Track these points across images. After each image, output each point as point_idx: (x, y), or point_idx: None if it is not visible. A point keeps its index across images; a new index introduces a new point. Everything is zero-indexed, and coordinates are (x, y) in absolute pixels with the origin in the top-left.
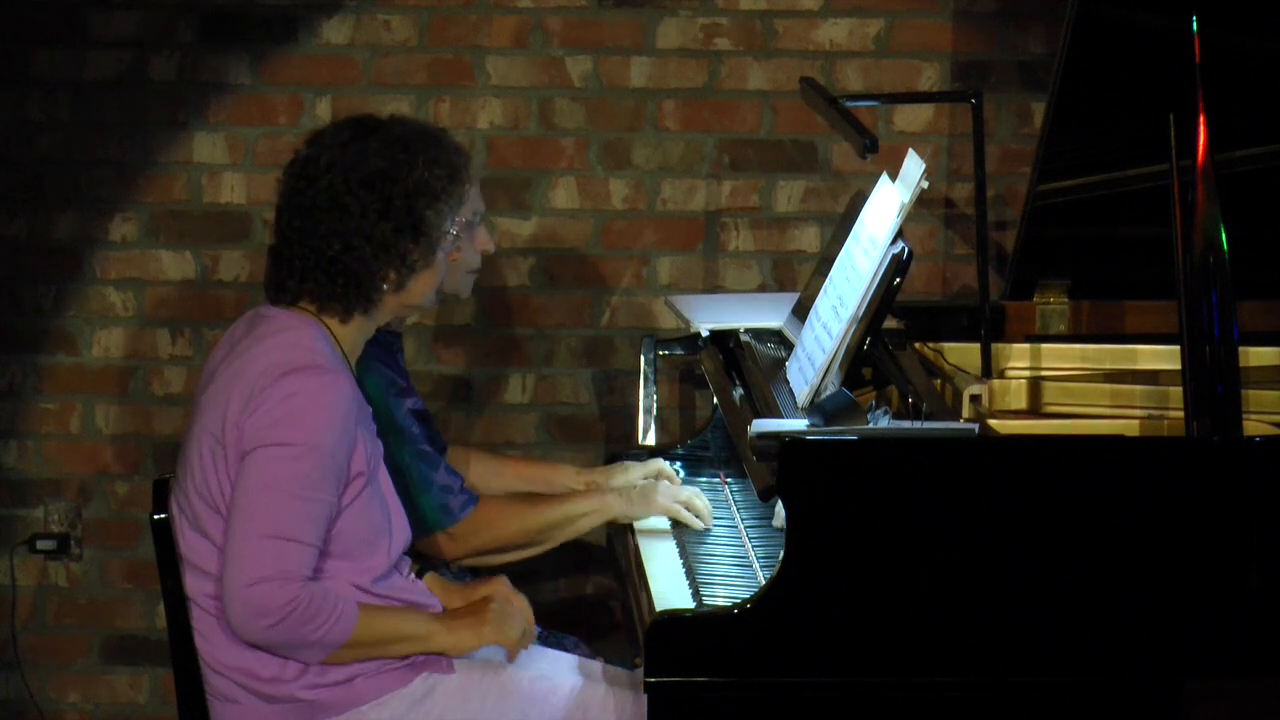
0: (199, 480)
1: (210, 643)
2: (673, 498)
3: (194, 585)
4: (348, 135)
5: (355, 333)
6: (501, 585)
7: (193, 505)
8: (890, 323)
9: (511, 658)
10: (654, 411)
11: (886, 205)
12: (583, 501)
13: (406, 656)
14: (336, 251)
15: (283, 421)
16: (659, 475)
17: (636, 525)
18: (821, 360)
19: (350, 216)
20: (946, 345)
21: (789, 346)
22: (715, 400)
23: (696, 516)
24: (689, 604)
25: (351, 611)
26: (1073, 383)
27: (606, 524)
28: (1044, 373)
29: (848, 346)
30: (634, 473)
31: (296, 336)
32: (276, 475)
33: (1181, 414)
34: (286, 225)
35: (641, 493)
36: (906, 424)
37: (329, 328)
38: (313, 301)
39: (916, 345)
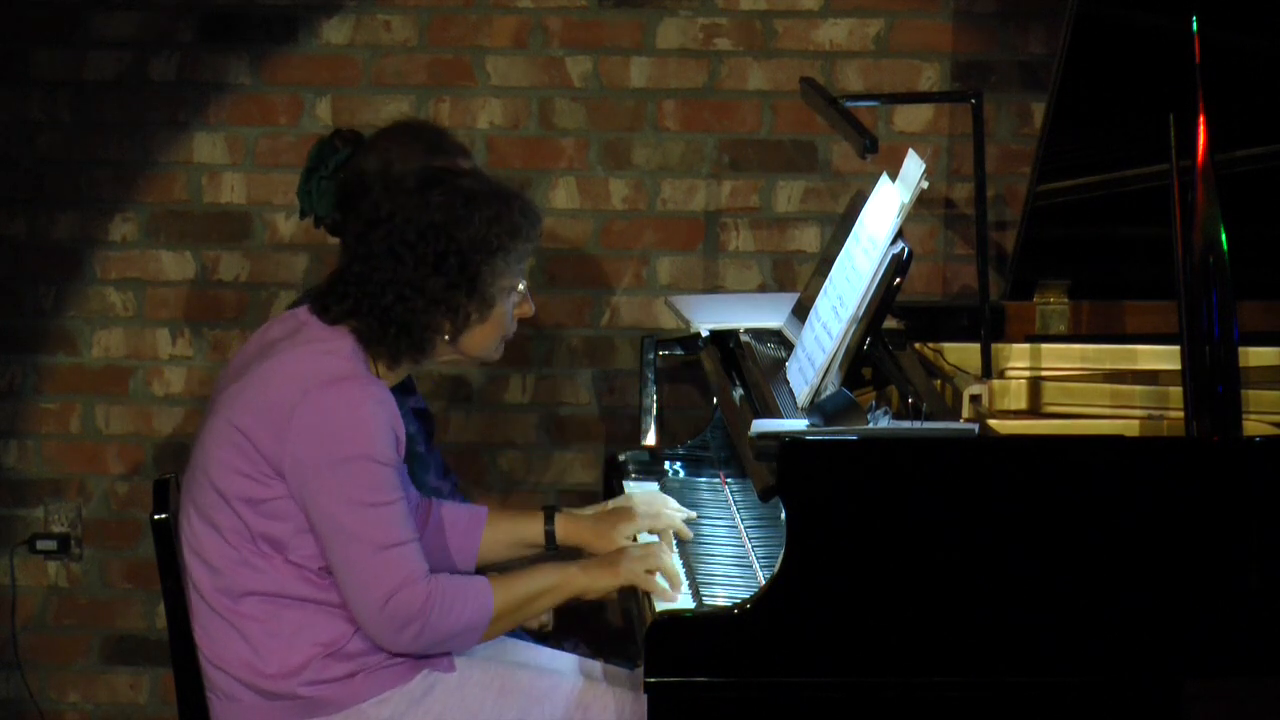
0: (214, 470)
1: (211, 637)
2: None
3: (200, 577)
4: (413, 183)
5: (398, 377)
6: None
7: (204, 494)
8: (890, 323)
9: (660, 593)
10: (654, 411)
11: (886, 205)
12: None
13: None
14: (389, 301)
15: (335, 436)
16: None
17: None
18: (821, 360)
19: (404, 267)
20: (946, 345)
21: (789, 346)
22: (715, 400)
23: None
24: (689, 604)
25: (484, 587)
26: (1073, 383)
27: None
28: (1044, 373)
29: (848, 346)
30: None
31: (337, 346)
32: (353, 492)
33: (1181, 414)
34: (346, 268)
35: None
36: (906, 424)
37: (376, 370)
38: (360, 340)
39: (916, 345)
